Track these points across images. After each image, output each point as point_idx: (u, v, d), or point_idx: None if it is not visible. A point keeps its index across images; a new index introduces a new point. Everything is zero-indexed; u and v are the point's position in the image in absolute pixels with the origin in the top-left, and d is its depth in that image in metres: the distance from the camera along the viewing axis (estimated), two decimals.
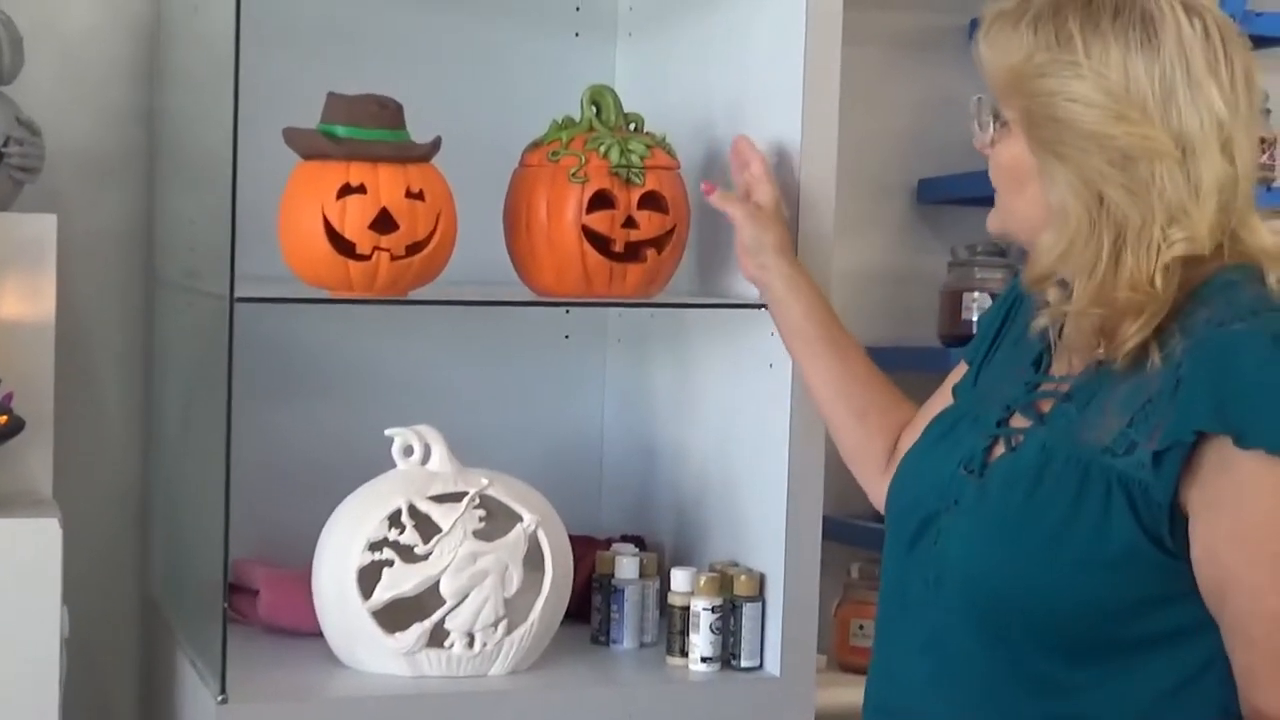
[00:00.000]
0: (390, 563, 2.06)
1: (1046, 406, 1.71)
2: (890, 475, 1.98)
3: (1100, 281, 1.61)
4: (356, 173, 2.08)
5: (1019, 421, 1.73)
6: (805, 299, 2.12)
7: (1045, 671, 1.62)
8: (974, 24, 2.86)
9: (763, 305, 2.17)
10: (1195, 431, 1.54)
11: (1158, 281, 1.59)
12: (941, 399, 1.99)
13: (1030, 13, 1.64)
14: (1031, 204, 1.68)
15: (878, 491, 2.05)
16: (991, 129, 1.71)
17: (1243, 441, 1.52)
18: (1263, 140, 2.72)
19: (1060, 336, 1.73)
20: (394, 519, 2.07)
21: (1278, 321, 1.57)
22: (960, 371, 1.96)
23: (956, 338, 2.82)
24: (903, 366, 2.16)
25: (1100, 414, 1.64)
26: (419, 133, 2.16)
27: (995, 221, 1.75)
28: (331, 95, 2.14)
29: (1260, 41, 2.83)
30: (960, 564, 1.67)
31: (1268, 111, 2.86)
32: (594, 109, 2.26)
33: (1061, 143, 1.62)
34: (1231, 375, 1.54)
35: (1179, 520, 1.57)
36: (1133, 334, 1.60)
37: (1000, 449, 1.72)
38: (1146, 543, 1.58)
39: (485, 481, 2.10)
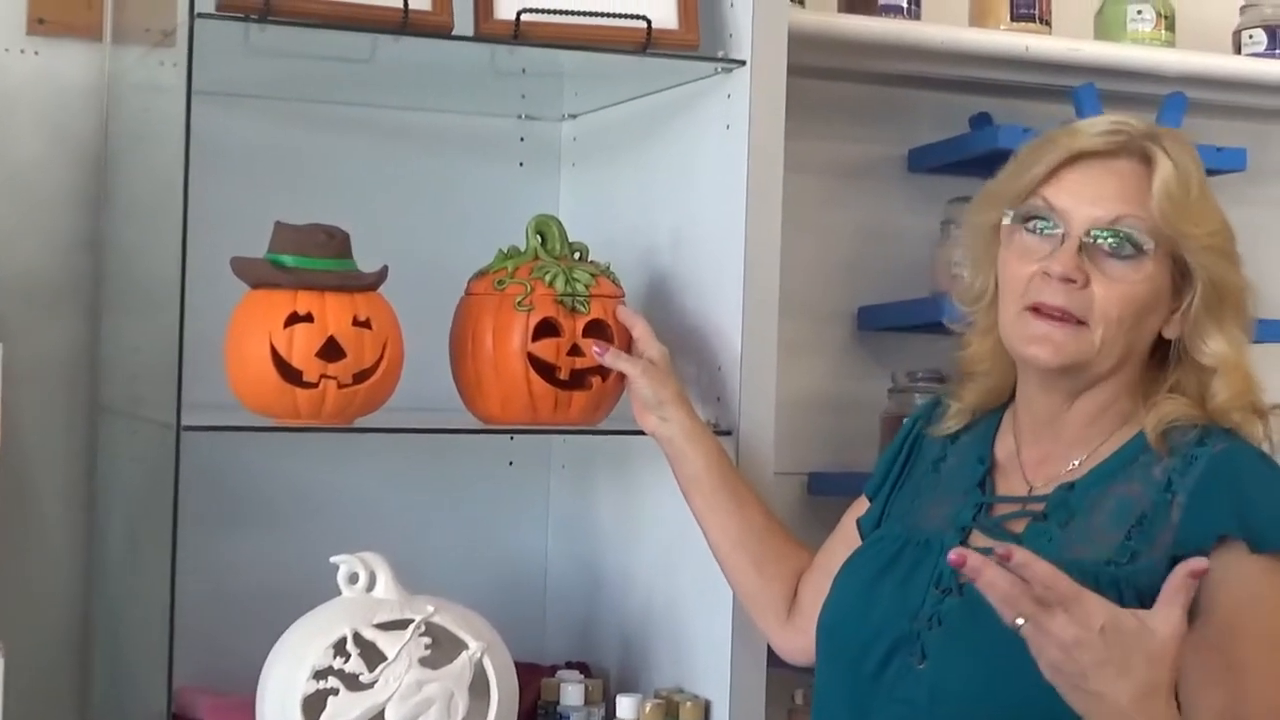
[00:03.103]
0: (335, 691, 2.05)
1: (1018, 526, 1.76)
2: (795, 622, 2.03)
3: None
4: (304, 301, 2.10)
5: (983, 541, 1.77)
6: (705, 450, 2.15)
7: None
8: (912, 154, 2.92)
9: (728, 431, 2.21)
10: (1218, 535, 1.66)
11: None
12: (842, 537, 2.02)
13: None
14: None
15: (779, 637, 2.11)
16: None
17: (1260, 546, 1.66)
18: None
19: (1020, 455, 1.83)
20: (339, 647, 2.06)
21: (1243, 442, 1.76)
22: (860, 507, 2.00)
23: None
24: (843, 492, 2.17)
25: (1087, 530, 1.73)
26: (366, 261, 2.18)
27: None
28: (279, 225, 2.16)
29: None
30: (964, 680, 1.70)
31: None
32: (539, 238, 2.29)
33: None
34: (1244, 486, 1.68)
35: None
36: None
37: None
38: None
39: (431, 609, 2.10)
